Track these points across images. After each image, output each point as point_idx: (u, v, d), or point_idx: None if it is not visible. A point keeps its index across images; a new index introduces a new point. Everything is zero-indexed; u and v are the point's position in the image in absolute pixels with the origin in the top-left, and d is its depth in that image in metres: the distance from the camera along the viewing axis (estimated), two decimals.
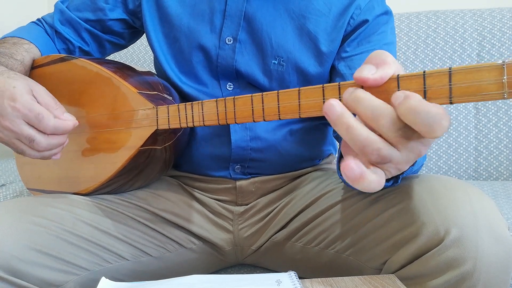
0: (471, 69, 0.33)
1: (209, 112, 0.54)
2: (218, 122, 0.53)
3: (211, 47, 0.72)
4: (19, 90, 0.59)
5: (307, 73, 0.71)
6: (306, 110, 0.43)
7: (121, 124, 0.65)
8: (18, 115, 0.58)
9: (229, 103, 0.51)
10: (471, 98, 0.33)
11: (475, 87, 0.33)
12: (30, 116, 0.58)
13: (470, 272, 0.49)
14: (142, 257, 0.70)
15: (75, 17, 0.79)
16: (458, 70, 0.34)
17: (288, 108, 0.45)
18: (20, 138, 0.59)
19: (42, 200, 0.64)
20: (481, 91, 0.33)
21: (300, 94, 0.43)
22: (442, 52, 1.27)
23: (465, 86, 0.34)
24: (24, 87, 0.59)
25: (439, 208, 0.53)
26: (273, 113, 0.46)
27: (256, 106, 0.48)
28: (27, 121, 0.58)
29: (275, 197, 0.76)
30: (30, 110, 0.58)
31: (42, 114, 0.58)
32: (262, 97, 0.47)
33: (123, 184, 0.69)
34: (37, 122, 0.58)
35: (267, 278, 0.52)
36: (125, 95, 0.64)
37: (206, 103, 0.54)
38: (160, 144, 0.65)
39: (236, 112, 0.50)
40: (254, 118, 0.48)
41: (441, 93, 0.34)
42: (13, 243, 0.55)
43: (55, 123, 0.59)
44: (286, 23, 0.70)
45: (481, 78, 0.33)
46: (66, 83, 0.71)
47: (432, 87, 0.35)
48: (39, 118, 0.58)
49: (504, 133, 1.19)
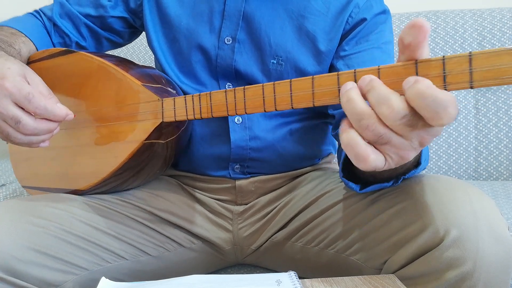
0: (491, 53, 0.33)
1: (218, 104, 0.53)
2: (228, 113, 0.52)
3: (210, 47, 0.72)
4: (12, 71, 0.57)
5: (306, 72, 0.71)
6: (320, 98, 0.43)
7: (124, 118, 0.64)
8: (5, 94, 0.54)
9: (239, 93, 0.50)
10: (491, 82, 0.33)
11: (495, 71, 0.33)
12: (19, 95, 0.55)
13: (470, 272, 0.49)
14: (141, 256, 0.70)
15: (75, 11, 0.78)
16: (478, 54, 0.34)
17: (301, 97, 0.44)
18: (5, 119, 0.55)
19: (41, 200, 0.64)
20: (501, 74, 0.33)
21: (314, 82, 0.43)
22: (442, 52, 1.27)
23: (486, 70, 0.34)
24: (18, 70, 0.57)
25: (439, 208, 0.53)
26: (285, 103, 0.46)
27: (268, 95, 0.47)
28: (15, 101, 0.55)
29: (275, 197, 0.76)
30: (20, 90, 0.55)
31: (32, 94, 0.55)
32: (274, 86, 0.46)
33: (123, 182, 0.69)
34: (26, 102, 0.55)
35: (267, 278, 0.52)
36: (128, 88, 0.63)
37: (214, 93, 0.53)
38: (164, 138, 0.64)
39: (246, 102, 0.49)
40: (266, 108, 0.48)
41: (461, 77, 0.34)
42: (12, 243, 0.55)
43: (45, 104, 0.56)
44: (284, 22, 0.70)
45: (502, 62, 0.33)
46: (66, 76, 0.70)
47: (452, 72, 0.35)
48: (29, 98, 0.55)
49: (504, 133, 1.19)
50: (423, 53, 0.36)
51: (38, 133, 0.58)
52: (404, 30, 0.35)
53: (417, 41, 0.35)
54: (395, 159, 0.38)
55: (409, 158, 0.38)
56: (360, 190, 0.60)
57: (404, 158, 0.38)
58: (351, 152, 0.37)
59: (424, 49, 0.36)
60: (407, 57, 0.37)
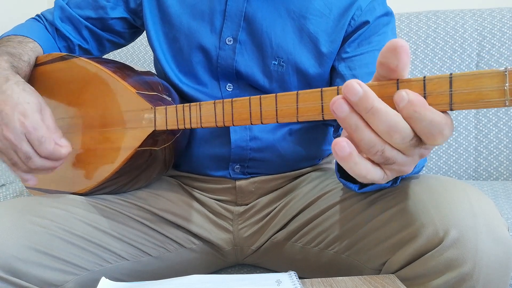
0: (472, 75, 0.32)
1: (207, 114, 0.53)
2: (216, 124, 0.52)
3: (211, 47, 0.72)
4: (31, 107, 0.60)
5: (307, 74, 0.71)
6: (304, 113, 0.42)
7: (119, 124, 0.64)
8: (23, 131, 0.59)
9: (227, 106, 0.50)
10: (472, 105, 0.32)
11: (476, 94, 0.32)
12: (34, 136, 0.59)
13: (469, 273, 0.49)
14: (142, 257, 0.70)
15: (75, 15, 0.78)
16: (459, 76, 0.33)
17: (286, 112, 0.44)
18: (17, 151, 0.60)
19: (41, 200, 0.64)
20: (482, 98, 0.32)
21: (298, 98, 0.42)
22: (442, 52, 1.27)
23: (466, 92, 0.33)
24: (36, 106, 0.61)
25: (439, 209, 0.53)
26: (271, 117, 0.45)
27: (254, 109, 0.47)
28: (28, 139, 0.59)
29: (275, 197, 0.76)
30: (36, 130, 0.59)
31: (44, 137, 0.59)
32: (260, 100, 0.46)
33: (123, 184, 0.69)
34: (37, 144, 0.59)
35: (267, 278, 0.52)
36: (123, 95, 0.64)
37: (204, 104, 0.54)
38: (159, 145, 0.65)
39: (234, 114, 0.50)
40: (252, 121, 0.48)
41: (441, 99, 0.34)
42: (13, 243, 0.55)
43: (53, 150, 0.60)
44: (286, 23, 0.70)
45: (482, 85, 0.32)
46: (66, 82, 0.71)
47: (433, 93, 0.34)
48: (41, 140, 0.59)
49: (504, 133, 1.19)
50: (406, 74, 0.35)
51: (42, 170, 0.62)
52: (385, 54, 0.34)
53: (403, 64, 0.34)
54: (395, 173, 0.38)
55: (409, 171, 0.38)
56: (358, 189, 0.60)
57: (404, 172, 0.38)
58: (351, 171, 0.36)
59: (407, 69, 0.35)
60: (387, 78, 0.36)
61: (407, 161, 0.36)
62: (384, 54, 0.34)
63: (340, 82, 0.71)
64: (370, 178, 0.36)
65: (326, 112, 0.40)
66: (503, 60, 1.22)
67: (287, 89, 0.72)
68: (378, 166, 0.37)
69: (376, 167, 0.36)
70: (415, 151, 0.36)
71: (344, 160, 0.35)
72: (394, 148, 0.35)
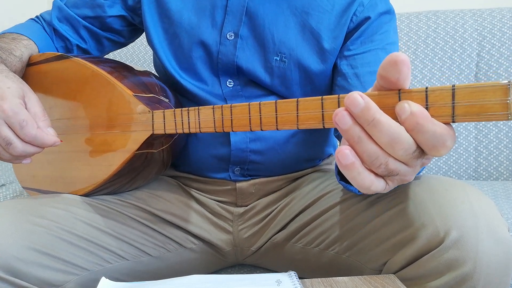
0: (475, 88, 0.32)
1: (206, 119, 0.52)
2: (215, 129, 0.51)
3: (212, 42, 0.71)
4: (11, 91, 0.58)
5: (309, 70, 0.71)
6: (304, 121, 0.42)
7: (116, 127, 0.64)
8: (1, 116, 0.57)
9: (226, 111, 0.50)
10: (475, 117, 0.32)
11: (479, 106, 0.32)
12: (14, 120, 0.57)
13: (470, 273, 0.49)
14: (142, 257, 0.70)
15: (73, 14, 0.78)
16: (461, 88, 0.32)
17: (286, 119, 0.43)
18: None
19: (41, 200, 0.64)
20: (485, 111, 0.32)
21: (298, 105, 0.42)
22: (442, 52, 1.27)
23: (469, 105, 0.32)
24: (17, 91, 0.59)
25: (439, 209, 0.53)
26: (271, 123, 0.45)
27: (254, 115, 0.46)
28: (9, 123, 0.57)
29: (275, 198, 0.76)
30: (16, 114, 0.57)
31: (26, 121, 0.57)
32: (260, 106, 0.46)
33: (121, 186, 0.69)
34: (19, 128, 0.57)
35: (267, 278, 0.52)
36: (120, 97, 0.63)
37: (202, 109, 0.53)
38: (156, 148, 0.64)
39: (233, 120, 0.49)
40: (252, 127, 0.47)
41: (443, 111, 0.33)
42: (13, 243, 0.55)
43: (36, 133, 0.58)
44: (288, 19, 0.70)
45: (485, 97, 0.31)
46: (62, 82, 0.70)
47: (435, 105, 0.33)
48: (22, 124, 0.57)
49: (504, 133, 1.19)
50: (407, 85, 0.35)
51: (25, 156, 0.60)
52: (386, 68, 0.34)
53: (404, 76, 0.33)
54: (396, 183, 0.38)
55: (411, 180, 0.38)
56: (359, 192, 0.60)
57: (406, 181, 0.38)
58: (354, 181, 0.36)
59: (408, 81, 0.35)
60: (388, 89, 0.35)
61: (410, 171, 0.36)
62: (384, 67, 0.34)
63: (341, 80, 0.71)
64: (374, 189, 0.36)
65: (326, 120, 0.40)
66: (503, 60, 1.22)
67: (288, 85, 0.72)
68: (381, 177, 0.37)
69: (379, 178, 0.36)
70: (417, 162, 0.35)
71: (347, 168, 0.35)
72: (397, 160, 0.35)
